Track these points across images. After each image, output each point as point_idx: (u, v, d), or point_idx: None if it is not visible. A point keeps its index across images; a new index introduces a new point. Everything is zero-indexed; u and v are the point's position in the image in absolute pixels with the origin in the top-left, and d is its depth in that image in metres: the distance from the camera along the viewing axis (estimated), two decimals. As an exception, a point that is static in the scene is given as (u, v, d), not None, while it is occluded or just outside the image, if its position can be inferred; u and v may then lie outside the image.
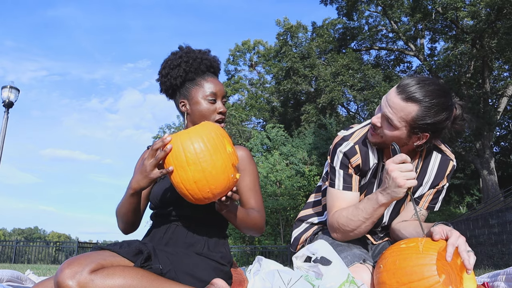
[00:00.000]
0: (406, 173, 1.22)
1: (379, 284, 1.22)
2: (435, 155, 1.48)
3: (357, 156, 1.42)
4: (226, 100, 1.60)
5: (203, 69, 1.57)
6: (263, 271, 1.25)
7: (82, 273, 1.05)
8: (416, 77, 1.31)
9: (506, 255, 9.39)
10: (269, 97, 27.08)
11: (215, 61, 1.60)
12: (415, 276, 1.13)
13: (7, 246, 15.84)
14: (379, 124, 1.35)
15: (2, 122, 10.65)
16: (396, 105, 1.28)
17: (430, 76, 1.36)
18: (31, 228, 73.70)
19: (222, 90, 1.57)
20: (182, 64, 1.55)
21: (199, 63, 1.56)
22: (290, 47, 22.02)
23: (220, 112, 1.55)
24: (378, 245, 1.56)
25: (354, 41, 21.37)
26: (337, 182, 1.44)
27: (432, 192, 1.50)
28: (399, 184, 1.22)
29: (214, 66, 1.60)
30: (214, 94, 1.54)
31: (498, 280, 1.56)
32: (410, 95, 1.26)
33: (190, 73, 1.55)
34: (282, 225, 17.10)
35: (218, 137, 1.23)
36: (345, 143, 1.44)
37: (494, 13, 14.61)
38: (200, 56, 1.57)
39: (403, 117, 1.28)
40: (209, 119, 1.53)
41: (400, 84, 1.30)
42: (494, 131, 18.46)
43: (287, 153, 18.16)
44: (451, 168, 1.49)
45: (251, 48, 29.72)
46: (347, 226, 1.38)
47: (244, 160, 1.54)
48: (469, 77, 17.60)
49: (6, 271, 1.77)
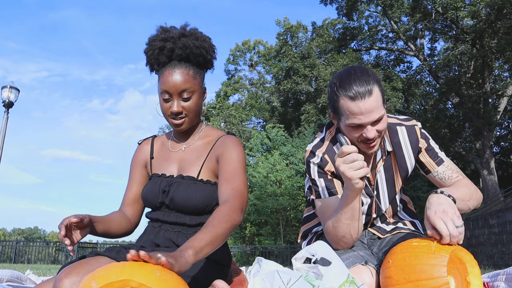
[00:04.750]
0: (351, 164, 1.20)
1: (385, 278, 1.22)
2: (399, 129, 1.51)
3: (330, 165, 1.45)
4: (188, 96, 1.35)
5: (163, 60, 1.36)
6: (263, 272, 1.25)
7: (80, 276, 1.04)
8: (341, 76, 1.35)
9: (506, 255, 9.39)
10: (269, 97, 27.09)
11: (185, 47, 1.36)
12: (423, 275, 1.13)
13: (7, 246, 15.84)
14: (378, 133, 1.36)
15: (2, 122, 10.65)
16: (372, 105, 1.29)
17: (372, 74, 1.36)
18: (31, 228, 73.71)
19: (175, 86, 1.33)
20: (145, 55, 1.41)
21: (158, 54, 1.36)
22: (290, 47, 22.02)
23: (172, 113, 1.35)
24: (385, 239, 1.56)
25: (354, 41, 21.35)
26: (321, 191, 1.46)
27: (423, 153, 1.52)
28: (348, 177, 1.21)
29: (179, 54, 1.36)
30: (166, 92, 1.34)
31: (498, 280, 1.56)
32: (369, 89, 1.29)
33: (154, 65, 1.39)
34: (282, 225, 17.09)
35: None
36: (315, 156, 1.47)
37: (494, 13, 14.60)
38: (162, 45, 1.36)
39: (381, 104, 1.33)
40: (168, 121, 1.41)
41: (348, 94, 1.30)
42: (494, 131, 18.45)
43: (287, 153, 18.16)
44: (419, 130, 1.51)
45: (251, 48, 29.73)
46: (338, 234, 1.37)
47: (225, 147, 1.38)
48: (469, 77, 17.59)
49: (6, 271, 1.77)
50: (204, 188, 1.35)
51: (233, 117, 23.60)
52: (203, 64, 1.43)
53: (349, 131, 1.37)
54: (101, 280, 0.79)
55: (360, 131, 1.34)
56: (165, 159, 1.46)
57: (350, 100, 1.29)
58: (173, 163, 1.43)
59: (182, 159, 1.43)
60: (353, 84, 1.29)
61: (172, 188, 1.34)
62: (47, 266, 8.84)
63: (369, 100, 1.28)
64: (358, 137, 1.36)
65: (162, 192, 1.34)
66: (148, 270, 0.80)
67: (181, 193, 1.32)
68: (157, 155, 1.49)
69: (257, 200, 16.86)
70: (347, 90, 1.30)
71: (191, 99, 1.36)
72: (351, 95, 1.29)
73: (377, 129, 1.34)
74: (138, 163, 1.51)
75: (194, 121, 1.41)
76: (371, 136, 1.33)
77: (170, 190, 1.34)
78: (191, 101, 1.36)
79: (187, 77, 1.35)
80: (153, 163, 1.48)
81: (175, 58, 1.36)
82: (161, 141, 1.53)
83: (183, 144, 1.47)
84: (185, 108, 1.36)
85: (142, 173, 1.50)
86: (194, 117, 1.40)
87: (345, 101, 1.31)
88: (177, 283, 0.82)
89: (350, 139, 1.40)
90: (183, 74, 1.34)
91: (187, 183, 1.35)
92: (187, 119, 1.38)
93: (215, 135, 1.46)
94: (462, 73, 17.75)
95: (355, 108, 1.29)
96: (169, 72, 1.34)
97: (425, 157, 1.51)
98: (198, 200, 1.32)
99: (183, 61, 1.37)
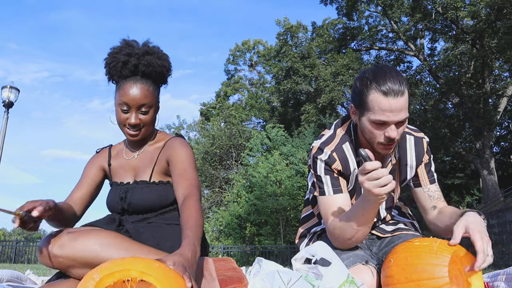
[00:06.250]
0: (377, 181, 1.16)
1: (386, 277, 1.22)
2: (407, 138, 1.51)
3: (337, 163, 1.44)
4: (146, 110, 1.44)
5: (125, 73, 1.45)
6: (263, 272, 1.25)
7: (61, 235, 1.18)
8: (375, 71, 1.34)
9: (506, 255, 9.39)
10: (269, 97, 27.07)
11: (149, 65, 1.44)
12: (425, 275, 1.13)
13: (7, 246, 15.83)
14: (399, 135, 1.35)
15: (2, 122, 10.66)
16: (402, 104, 1.29)
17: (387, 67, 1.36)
18: (31, 228, 73.56)
19: (135, 100, 1.42)
20: (107, 66, 1.48)
21: (121, 67, 1.44)
22: (290, 47, 22.01)
23: (129, 124, 1.44)
24: (385, 239, 1.56)
25: (354, 41, 21.34)
26: (326, 188, 1.44)
27: (422, 168, 1.53)
28: (375, 194, 1.18)
29: (142, 70, 1.45)
30: (124, 104, 1.43)
31: (498, 280, 1.56)
32: (401, 89, 1.28)
33: (115, 76, 1.48)
34: (282, 225, 17.09)
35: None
36: (323, 152, 1.46)
37: (494, 13, 14.60)
38: (126, 59, 1.43)
39: (407, 108, 1.32)
40: (122, 130, 1.50)
41: (382, 88, 1.28)
42: (494, 131, 18.45)
43: (287, 153, 18.15)
44: (426, 144, 1.53)
45: (251, 48, 29.72)
46: (344, 235, 1.37)
47: (174, 149, 1.48)
48: (469, 77, 17.59)
49: (6, 271, 1.76)
50: (157, 188, 1.47)
51: (233, 117, 23.59)
52: (161, 81, 1.54)
53: (371, 128, 1.34)
54: (103, 271, 0.85)
55: (383, 129, 1.32)
56: (121, 167, 1.56)
57: (383, 95, 1.28)
58: (128, 171, 1.55)
59: (136, 166, 1.54)
60: (387, 81, 1.29)
61: (129, 194, 1.46)
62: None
63: (400, 99, 1.28)
64: (379, 136, 1.34)
65: (120, 199, 1.47)
66: (147, 261, 0.89)
67: (137, 196, 1.45)
68: (114, 163, 1.59)
69: (257, 200, 16.85)
70: (381, 85, 1.29)
71: (148, 113, 1.46)
72: (385, 90, 1.28)
73: (398, 131, 1.33)
74: (94, 165, 1.60)
75: (148, 131, 1.52)
76: (393, 136, 1.31)
77: (127, 196, 1.46)
78: (148, 114, 1.46)
79: (147, 92, 1.45)
80: (112, 170, 1.58)
81: (137, 73, 1.46)
82: (117, 149, 1.63)
83: (136, 151, 1.57)
84: (142, 121, 1.46)
85: (95, 174, 1.58)
86: (148, 128, 1.51)
87: (376, 96, 1.29)
88: (174, 274, 0.90)
89: (367, 138, 1.39)
90: (144, 89, 1.44)
91: (141, 187, 1.47)
92: (143, 130, 1.49)
93: (164, 139, 1.57)
94: (462, 73, 17.75)
95: (386, 104, 1.28)
96: (130, 86, 1.43)
97: (422, 171, 1.52)
98: (153, 200, 1.45)
99: (145, 77, 1.46)
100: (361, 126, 1.39)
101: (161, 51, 1.51)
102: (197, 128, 25.18)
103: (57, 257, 1.18)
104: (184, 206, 1.29)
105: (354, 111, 1.42)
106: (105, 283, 0.83)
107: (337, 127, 1.54)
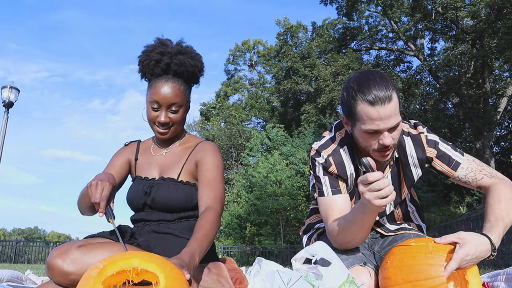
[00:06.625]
0: (378, 192, 1.13)
1: (384, 279, 1.22)
2: (406, 139, 1.46)
3: (333, 167, 1.44)
4: (176, 109, 1.45)
5: (157, 72, 1.46)
6: (263, 272, 1.25)
7: (71, 250, 1.15)
8: (360, 80, 1.30)
9: (506, 255, 9.38)
10: (269, 97, 27.07)
11: (181, 64, 1.45)
12: (422, 275, 1.13)
13: (7, 246, 15.84)
14: (394, 140, 1.33)
15: (2, 122, 10.65)
16: (391, 111, 1.26)
17: (381, 74, 1.32)
18: (31, 228, 73.65)
19: (166, 99, 1.43)
20: (140, 63, 1.49)
21: (154, 65, 1.45)
22: (290, 47, 22.00)
23: (159, 122, 1.45)
24: (388, 238, 1.55)
25: (354, 41, 21.33)
26: (325, 189, 1.44)
27: (438, 162, 1.46)
28: (376, 205, 1.15)
29: (174, 69, 1.45)
30: (155, 102, 1.44)
31: (498, 280, 1.56)
32: (388, 95, 1.25)
33: (147, 74, 1.49)
34: (282, 225, 17.09)
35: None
36: (320, 156, 1.46)
37: (494, 13, 14.59)
38: (159, 58, 1.44)
39: (398, 111, 1.29)
40: (152, 127, 1.50)
41: (368, 98, 1.25)
42: (494, 131, 18.43)
43: (287, 153, 18.15)
44: (425, 139, 1.46)
45: (251, 48, 29.72)
46: (343, 238, 1.36)
47: (205, 153, 1.47)
48: (469, 77, 17.58)
49: (6, 271, 1.77)
50: (184, 188, 1.45)
51: (233, 117, 23.59)
52: (192, 80, 1.53)
53: (364, 137, 1.33)
54: (106, 261, 0.90)
55: (376, 137, 1.30)
56: (147, 163, 1.55)
57: (370, 105, 1.25)
58: (155, 167, 1.53)
59: (163, 163, 1.53)
60: (372, 89, 1.25)
61: (154, 189, 1.44)
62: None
63: (388, 106, 1.25)
64: (373, 144, 1.32)
65: (144, 194, 1.44)
66: (148, 253, 0.95)
67: (162, 193, 1.43)
68: (141, 158, 1.58)
69: (257, 200, 16.85)
70: (366, 94, 1.26)
71: (178, 112, 1.47)
72: (371, 100, 1.24)
73: (392, 137, 1.31)
74: (121, 157, 1.59)
75: (177, 131, 1.51)
76: (388, 143, 1.29)
77: (151, 191, 1.44)
78: (178, 114, 1.47)
79: (178, 92, 1.45)
80: (137, 164, 1.57)
81: (169, 72, 1.46)
82: (145, 145, 1.63)
83: (164, 149, 1.57)
84: (171, 119, 1.46)
85: (122, 166, 1.57)
86: (178, 127, 1.50)
87: (363, 106, 1.26)
88: (174, 266, 0.95)
89: (363, 147, 1.38)
90: (175, 88, 1.45)
91: (168, 184, 1.45)
92: (172, 129, 1.48)
93: (194, 141, 1.57)
94: (462, 73, 17.74)
95: (374, 113, 1.25)
96: (161, 84, 1.44)
97: (439, 165, 1.46)
98: (179, 199, 1.43)
99: (176, 76, 1.47)
100: (355, 135, 1.38)
101: (194, 51, 1.52)
102: (197, 128, 25.18)
103: (69, 274, 1.13)
104: (202, 216, 1.30)
105: (346, 122, 1.41)
106: (108, 272, 0.87)
107: (337, 130, 1.52)
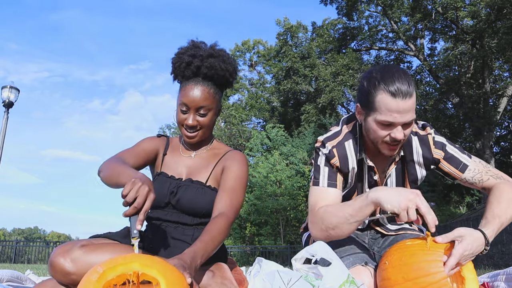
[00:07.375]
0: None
1: (383, 280, 1.22)
2: (413, 138, 1.49)
3: (336, 159, 1.44)
4: (205, 113, 1.43)
5: (188, 74, 1.45)
6: (263, 272, 1.25)
7: (73, 249, 1.14)
8: (383, 71, 1.31)
9: (506, 255, 9.38)
10: (269, 97, 27.07)
11: (212, 68, 1.43)
12: (421, 272, 1.14)
13: (7, 246, 15.84)
14: (405, 137, 1.34)
15: (2, 122, 10.65)
16: (410, 106, 1.28)
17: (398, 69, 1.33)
18: (31, 228, 73.60)
19: (195, 102, 1.41)
20: (172, 65, 1.50)
21: (185, 68, 1.45)
22: (290, 47, 22.01)
23: (187, 125, 1.44)
24: (388, 237, 1.56)
25: (354, 41, 21.33)
26: (321, 179, 1.44)
27: (445, 164, 1.48)
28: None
29: (204, 72, 1.44)
30: (184, 104, 1.43)
31: (498, 280, 1.56)
32: (410, 90, 1.27)
33: (179, 76, 1.49)
34: (282, 225, 17.09)
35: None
36: (325, 147, 1.47)
37: (494, 13, 14.59)
38: (190, 60, 1.44)
39: (414, 109, 1.31)
40: (180, 130, 1.49)
41: (390, 89, 1.27)
42: (494, 131, 18.43)
43: (287, 153, 18.15)
44: (432, 140, 1.48)
45: (251, 48, 29.71)
46: (330, 221, 1.32)
47: (233, 161, 1.47)
48: (469, 77, 17.58)
49: (6, 271, 1.76)
50: (211, 193, 1.43)
51: (233, 117, 23.57)
52: (224, 84, 1.51)
53: (377, 128, 1.33)
54: (106, 265, 0.86)
55: (389, 130, 1.31)
56: (175, 162, 1.53)
57: (391, 96, 1.26)
58: (183, 167, 1.51)
59: (191, 165, 1.51)
60: (396, 81, 1.27)
61: (181, 190, 1.42)
62: (47, 266, 8.81)
63: (408, 101, 1.27)
64: (385, 136, 1.33)
65: (170, 193, 1.41)
66: (149, 256, 0.92)
67: (189, 195, 1.41)
68: (169, 154, 1.55)
69: (257, 200, 16.84)
70: (389, 85, 1.27)
71: (207, 115, 1.44)
72: (393, 91, 1.26)
73: (404, 132, 1.32)
74: (152, 143, 1.55)
75: (206, 135, 1.49)
76: (399, 137, 1.30)
77: (178, 191, 1.41)
78: (206, 117, 1.44)
79: (207, 95, 1.43)
80: (165, 160, 1.54)
81: (200, 75, 1.44)
82: (174, 143, 1.61)
83: (193, 152, 1.55)
84: (200, 123, 1.44)
85: (151, 151, 1.53)
86: (206, 131, 1.48)
87: (384, 96, 1.28)
88: (176, 269, 0.93)
89: (372, 139, 1.38)
90: (204, 92, 1.43)
91: (196, 187, 1.43)
92: (200, 133, 1.46)
93: (224, 148, 1.57)
94: (462, 73, 17.73)
95: (394, 105, 1.27)
96: (191, 87, 1.42)
97: (446, 167, 1.48)
98: (204, 203, 1.41)
99: (206, 79, 1.45)
100: (367, 126, 1.38)
101: (227, 55, 1.50)
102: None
103: (70, 274, 1.12)
104: (213, 220, 1.29)
105: (360, 111, 1.41)
106: (108, 276, 0.84)
107: (344, 124, 1.54)
